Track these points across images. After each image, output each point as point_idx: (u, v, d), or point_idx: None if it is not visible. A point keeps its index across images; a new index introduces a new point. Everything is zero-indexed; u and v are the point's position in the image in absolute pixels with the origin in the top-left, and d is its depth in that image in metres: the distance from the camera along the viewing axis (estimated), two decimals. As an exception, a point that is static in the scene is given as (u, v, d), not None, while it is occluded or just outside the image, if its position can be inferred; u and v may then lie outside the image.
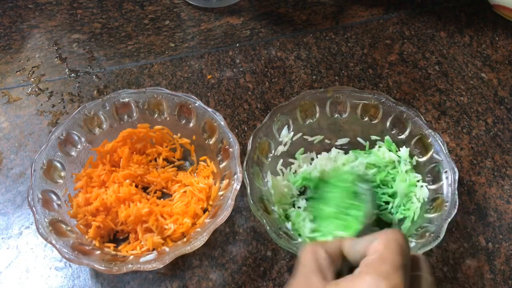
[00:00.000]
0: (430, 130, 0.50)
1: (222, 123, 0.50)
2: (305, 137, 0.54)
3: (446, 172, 0.48)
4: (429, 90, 0.63)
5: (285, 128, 0.53)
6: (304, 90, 0.62)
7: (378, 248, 0.31)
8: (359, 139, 0.54)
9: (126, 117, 0.54)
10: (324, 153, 0.54)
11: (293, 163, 0.53)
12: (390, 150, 0.52)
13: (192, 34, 0.69)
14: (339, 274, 0.33)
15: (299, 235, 0.48)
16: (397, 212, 0.50)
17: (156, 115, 0.54)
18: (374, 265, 0.30)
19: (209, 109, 0.51)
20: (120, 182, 0.51)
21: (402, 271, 0.29)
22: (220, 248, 0.50)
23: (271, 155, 0.52)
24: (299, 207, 0.50)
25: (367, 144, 0.54)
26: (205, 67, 0.65)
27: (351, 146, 0.55)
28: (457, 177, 0.47)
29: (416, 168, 0.51)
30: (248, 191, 0.46)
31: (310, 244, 0.34)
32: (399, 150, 0.52)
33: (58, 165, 0.49)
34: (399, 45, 0.68)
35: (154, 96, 0.53)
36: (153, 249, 0.47)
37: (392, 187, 0.51)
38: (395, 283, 0.29)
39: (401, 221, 0.50)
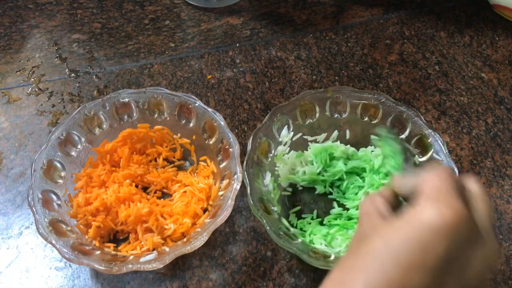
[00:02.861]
0: (430, 130, 0.50)
1: (222, 123, 0.50)
2: (305, 137, 0.54)
3: (446, 172, 0.48)
4: (429, 90, 0.63)
5: (285, 128, 0.52)
6: (304, 90, 0.62)
7: (432, 180, 0.33)
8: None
9: (126, 117, 0.54)
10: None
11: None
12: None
13: (192, 34, 0.69)
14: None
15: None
16: None
17: (156, 115, 0.54)
18: (432, 196, 0.32)
19: (209, 109, 0.51)
20: (120, 182, 0.51)
21: (459, 197, 0.31)
22: (220, 248, 0.50)
23: (271, 155, 0.52)
24: None
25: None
26: (205, 67, 0.65)
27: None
28: (457, 177, 0.47)
29: (416, 168, 0.51)
30: (248, 191, 0.46)
31: (367, 196, 0.37)
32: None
33: (58, 165, 0.49)
34: (399, 45, 0.68)
35: (154, 96, 0.53)
36: (153, 249, 0.47)
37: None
38: (457, 208, 0.30)
39: None
